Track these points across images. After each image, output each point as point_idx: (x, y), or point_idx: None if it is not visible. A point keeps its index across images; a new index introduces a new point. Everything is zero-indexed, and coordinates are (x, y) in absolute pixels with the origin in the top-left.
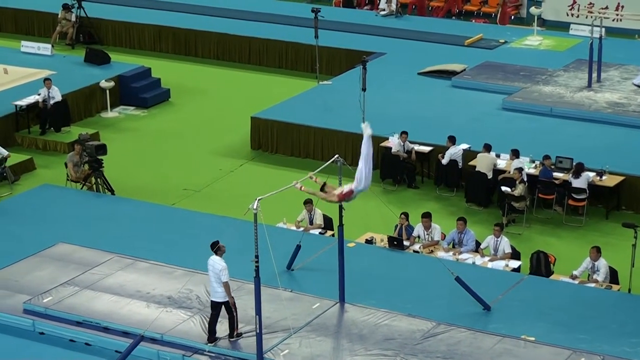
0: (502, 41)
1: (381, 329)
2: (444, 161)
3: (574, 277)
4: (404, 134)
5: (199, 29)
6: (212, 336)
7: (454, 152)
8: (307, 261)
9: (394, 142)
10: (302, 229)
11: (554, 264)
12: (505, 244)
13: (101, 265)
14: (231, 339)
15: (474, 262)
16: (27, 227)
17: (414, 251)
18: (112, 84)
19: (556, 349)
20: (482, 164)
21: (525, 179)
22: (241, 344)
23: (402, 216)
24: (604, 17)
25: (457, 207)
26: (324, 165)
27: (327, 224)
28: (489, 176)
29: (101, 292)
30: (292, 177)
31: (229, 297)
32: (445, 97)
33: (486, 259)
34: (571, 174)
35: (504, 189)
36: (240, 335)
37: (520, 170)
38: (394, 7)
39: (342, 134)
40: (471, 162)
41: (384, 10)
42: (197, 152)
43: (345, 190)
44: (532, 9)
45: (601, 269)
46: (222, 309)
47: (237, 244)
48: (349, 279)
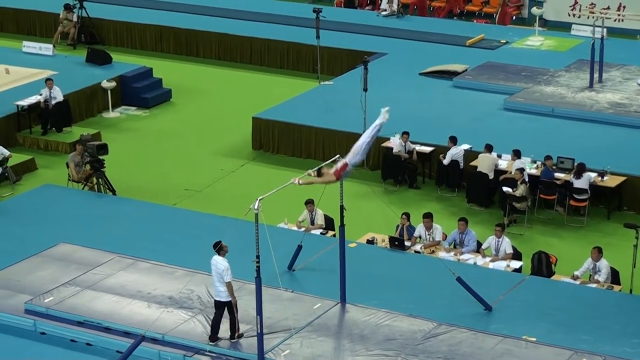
0: (504, 41)
1: (382, 329)
2: (445, 161)
3: (576, 278)
4: (405, 134)
5: (201, 29)
6: (215, 335)
7: (455, 152)
8: (308, 261)
9: (395, 143)
10: (303, 229)
11: (555, 265)
12: (506, 245)
13: (102, 265)
14: (232, 340)
15: (475, 263)
16: (29, 227)
17: (415, 251)
18: (113, 84)
19: (557, 349)
20: (484, 164)
21: (526, 180)
22: (242, 344)
23: (404, 216)
24: (606, 18)
25: (459, 208)
26: (324, 164)
27: (329, 224)
28: (491, 176)
29: (102, 292)
30: (294, 177)
31: (232, 297)
32: (446, 98)
33: (487, 259)
34: (572, 175)
35: (505, 189)
36: (241, 335)
37: (521, 170)
38: (395, 7)
39: (344, 134)
40: (472, 163)
41: (386, 10)
42: (199, 153)
43: (339, 165)
44: (534, 9)
45: (602, 270)
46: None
47: (238, 244)
48: (350, 279)
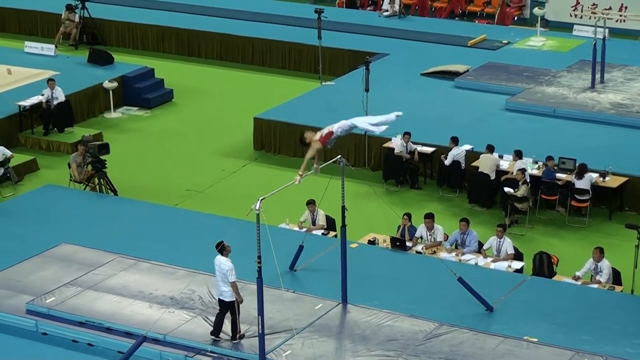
0: (505, 42)
1: (384, 329)
2: (447, 162)
3: (577, 278)
4: (406, 134)
5: (202, 30)
6: (217, 330)
7: (457, 152)
8: (309, 262)
9: (396, 143)
10: (304, 230)
11: (556, 265)
12: (507, 245)
13: (104, 265)
14: (233, 341)
15: (476, 263)
16: (30, 228)
17: (417, 252)
18: (115, 84)
19: (558, 349)
20: (485, 164)
21: (528, 180)
22: (243, 344)
23: (405, 217)
24: (608, 18)
25: (460, 208)
26: (325, 164)
27: (330, 224)
28: (492, 177)
29: (104, 293)
30: (295, 178)
31: (238, 297)
32: (448, 98)
33: (489, 259)
34: (574, 175)
35: (506, 189)
36: (242, 336)
37: (523, 171)
38: (397, 7)
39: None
40: (474, 163)
41: (387, 11)
42: (200, 153)
43: (324, 132)
44: (535, 10)
45: (604, 270)
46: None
47: (239, 244)
48: (352, 279)
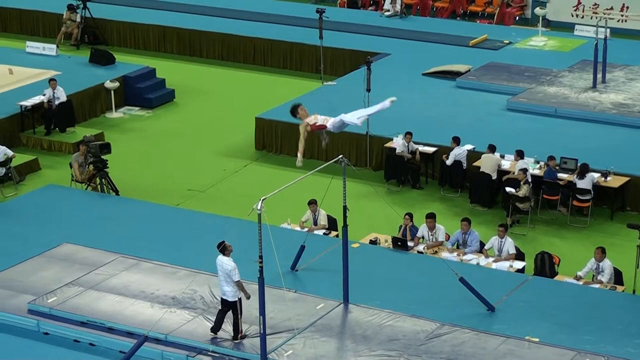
0: (507, 42)
1: (385, 329)
2: (448, 162)
3: (579, 278)
4: (408, 134)
5: (204, 30)
6: (217, 326)
7: (459, 152)
8: (311, 262)
9: (398, 143)
10: (306, 230)
11: (558, 265)
12: (509, 245)
13: (105, 265)
14: (235, 341)
15: (478, 263)
16: (32, 228)
17: (418, 252)
18: (116, 84)
19: (560, 349)
20: (487, 164)
21: (529, 180)
22: (245, 344)
23: (406, 217)
24: (609, 18)
25: (462, 208)
26: (326, 164)
27: (331, 224)
28: (494, 177)
29: (105, 293)
30: (297, 177)
31: (245, 293)
32: (449, 98)
33: (490, 259)
34: (576, 175)
35: (508, 189)
36: (244, 336)
37: (524, 171)
38: (398, 7)
39: (346, 134)
40: (475, 163)
41: (389, 10)
42: (202, 153)
43: (318, 122)
44: (537, 10)
45: (606, 270)
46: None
47: (241, 244)
48: (353, 279)
